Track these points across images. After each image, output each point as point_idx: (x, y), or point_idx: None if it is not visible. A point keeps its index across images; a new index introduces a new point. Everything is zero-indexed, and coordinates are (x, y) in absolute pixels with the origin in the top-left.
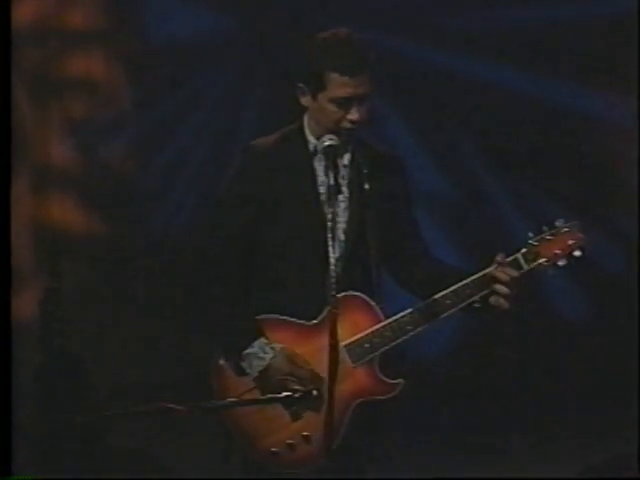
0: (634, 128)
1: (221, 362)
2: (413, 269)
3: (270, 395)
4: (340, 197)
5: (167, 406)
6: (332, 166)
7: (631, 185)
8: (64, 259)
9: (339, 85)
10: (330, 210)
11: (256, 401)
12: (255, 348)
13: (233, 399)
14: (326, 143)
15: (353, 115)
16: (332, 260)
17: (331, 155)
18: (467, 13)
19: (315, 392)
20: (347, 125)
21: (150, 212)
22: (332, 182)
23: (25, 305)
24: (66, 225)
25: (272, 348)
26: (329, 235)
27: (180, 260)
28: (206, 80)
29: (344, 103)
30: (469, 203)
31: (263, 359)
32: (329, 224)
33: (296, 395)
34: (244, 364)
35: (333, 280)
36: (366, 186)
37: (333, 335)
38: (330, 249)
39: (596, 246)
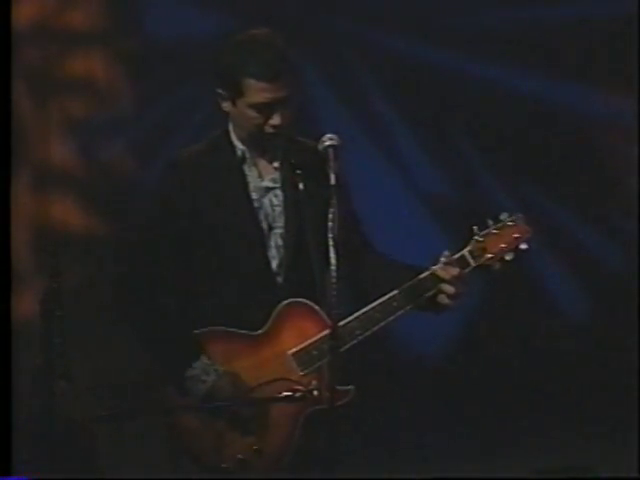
0: (634, 128)
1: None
2: (355, 265)
3: (269, 395)
4: (274, 201)
5: (167, 406)
6: (334, 167)
7: (631, 185)
8: (64, 259)
9: (257, 91)
10: (332, 210)
11: (256, 401)
12: (197, 370)
13: (233, 399)
14: (327, 143)
15: (275, 120)
16: (273, 267)
17: (332, 155)
18: (467, 13)
19: (316, 392)
20: (270, 130)
21: (151, 212)
22: (334, 182)
23: (25, 305)
24: (66, 225)
25: (215, 370)
26: (271, 241)
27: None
28: (206, 80)
29: (264, 108)
30: (469, 203)
31: (205, 382)
32: (266, 225)
33: (297, 395)
34: (188, 385)
35: (277, 287)
36: (300, 186)
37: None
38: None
39: (596, 246)
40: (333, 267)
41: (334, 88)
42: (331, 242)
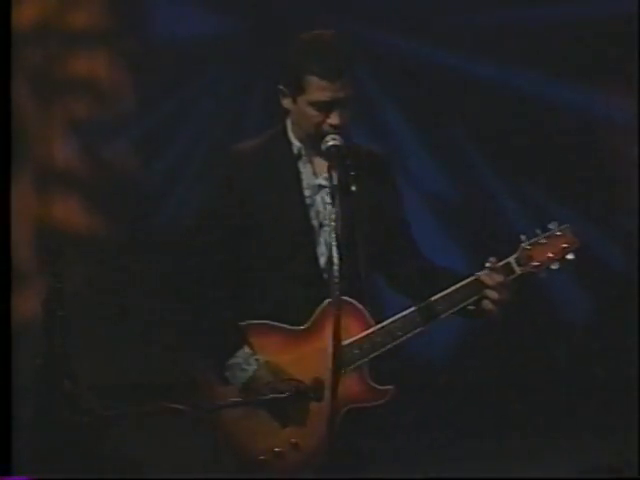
0: (634, 128)
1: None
2: (403, 270)
3: (272, 395)
4: (327, 199)
5: (167, 406)
6: (335, 166)
7: (631, 185)
8: (66, 259)
9: (318, 89)
10: (334, 210)
11: (256, 401)
12: (239, 359)
13: (235, 399)
14: (329, 143)
15: (333, 120)
16: (321, 264)
17: (334, 155)
18: (467, 13)
19: (317, 392)
20: (328, 129)
21: (152, 212)
22: (335, 182)
23: (26, 304)
24: (68, 225)
25: (256, 360)
26: (320, 239)
27: (178, 262)
28: (208, 81)
29: (324, 107)
30: (470, 202)
31: (246, 371)
32: (330, 225)
33: (298, 395)
34: (228, 374)
35: (323, 284)
36: (353, 188)
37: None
38: (324, 252)
39: (596, 246)
40: (336, 266)
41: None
42: (334, 241)
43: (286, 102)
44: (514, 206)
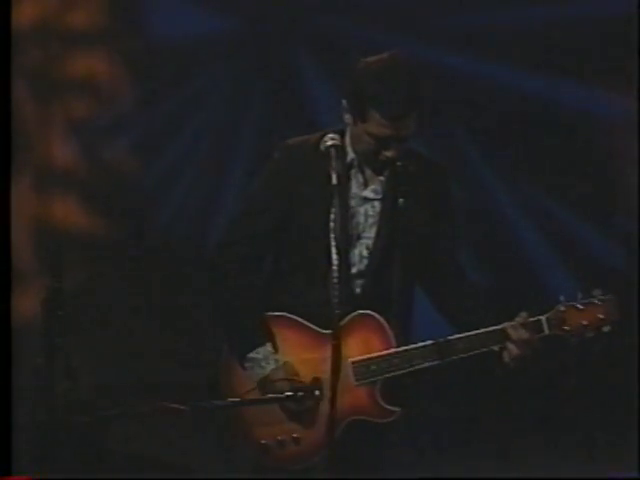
0: (634, 128)
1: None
2: (446, 292)
3: (271, 395)
4: (370, 211)
5: (167, 406)
6: (335, 166)
7: (631, 185)
8: (66, 259)
9: (378, 125)
10: (334, 210)
11: (256, 401)
12: (260, 355)
13: (233, 399)
14: (328, 143)
15: (389, 153)
16: (353, 274)
17: (334, 155)
18: (467, 13)
19: (317, 392)
20: (382, 159)
21: (152, 212)
22: (335, 182)
23: (26, 305)
24: (68, 225)
25: (275, 360)
26: (356, 250)
27: (185, 258)
28: (208, 80)
29: (382, 141)
30: (469, 202)
31: (264, 369)
32: (357, 232)
33: (299, 395)
34: (247, 365)
35: (353, 296)
36: (400, 201)
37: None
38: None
39: (596, 246)
40: (335, 268)
41: (335, 88)
42: (332, 242)
43: (347, 117)
44: (514, 205)
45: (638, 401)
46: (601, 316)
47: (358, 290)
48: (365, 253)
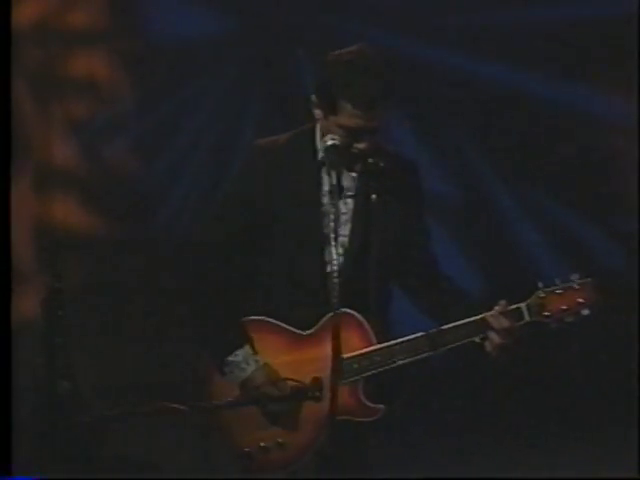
0: (634, 128)
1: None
2: (419, 285)
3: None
4: (343, 208)
5: (168, 406)
6: (334, 166)
7: (631, 184)
8: (66, 259)
9: (350, 116)
10: (333, 210)
11: (256, 401)
12: (239, 357)
13: (232, 399)
14: (329, 143)
15: (361, 145)
16: (329, 272)
17: (334, 155)
18: (468, 13)
19: (318, 393)
20: (354, 152)
21: (152, 212)
22: (334, 182)
23: (26, 305)
24: (68, 225)
25: (256, 361)
26: (331, 247)
27: (180, 259)
28: (208, 80)
29: (353, 133)
30: (469, 202)
31: (244, 370)
32: (330, 230)
33: (299, 396)
34: (226, 370)
35: (330, 293)
36: (373, 197)
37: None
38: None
39: (596, 246)
40: (334, 267)
41: None
42: (332, 242)
43: (317, 113)
44: (514, 205)
45: (638, 401)
46: (580, 300)
47: (335, 288)
48: (341, 251)
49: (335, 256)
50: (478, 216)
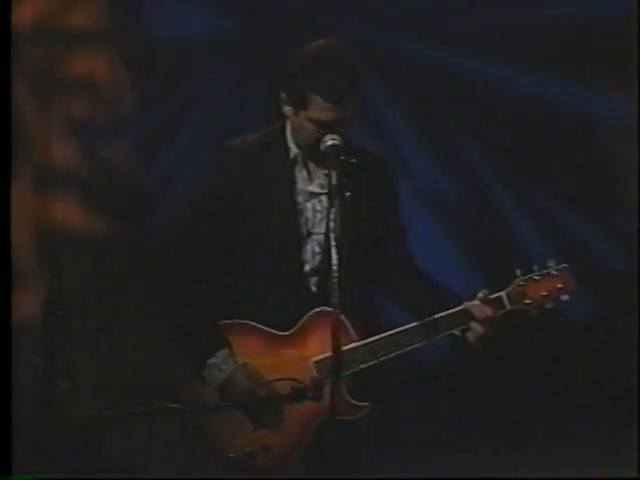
0: (634, 128)
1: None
2: (394, 279)
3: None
4: (317, 206)
5: (167, 406)
6: (334, 166)
7: (631, 184)
8: (66, 259)
9: (321, 109)
10: (333, 210)
11: (256, 401)
12: (218, 359)
13: (233, 400)
14: (328, 143)
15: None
16: (306, 272)
17: (333, 155)
18: (468, 13)
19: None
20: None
21: (152, 212)
22: (334, 182)
23: (26, 305)
24: (68, 225)
25: (235, 361)
26: (307, 246)
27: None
28: (208, 80)
29: (324, 126)
30: (470, 202)
31: (223, 371)
32: (306, 229)
33: (299, 396)
34: (205, 373)
35: (308, 293)
36: (346, 194)
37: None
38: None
39: (596, 246)
40: (335, 267)
41: None
42: (333, 242)
43: (287, 110)
44: (514, 205)
45: (638, 400)
46: (559, 285)
47: (314, 288)
48: (317, 249)
49: (311, 255)
50: (478, 216)
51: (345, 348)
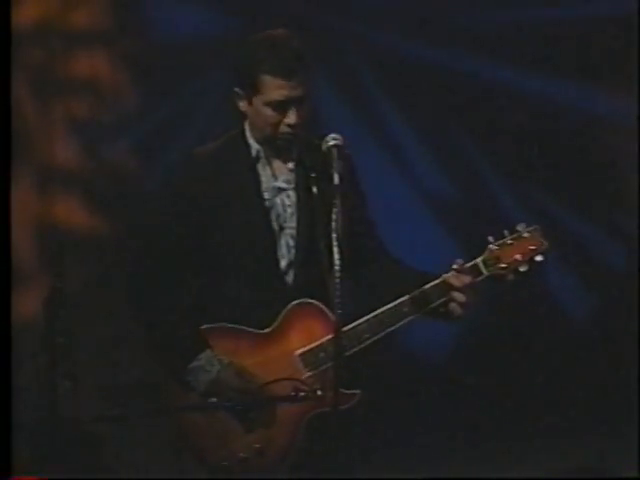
0: (634, 128)
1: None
2: (369, 270)
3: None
4: (286, 201)
5: (168, 406)
6: (336, 166)
7: (632, 184)
8: (67, 259)
9: (273, 88)
10: (335, 210)
11: (257, 402)
12: (202, 361)
13: (232, 399)
14: (330, 143)
15: (290, 119)
16: (282, 267)
17: (335, 155)
18: (468, 13)
19: (320, 392)
20: (285, 129)
21: (152, 212)
22: (337, 182)
23: (28, 304)
24: (69, 225)
25: (219, 360)
26: (281, 241)
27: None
28: (209, 80)
29: (280, 106)
30: (469, 201)
31: (210, 372)
32: (291, 228)
33: (300, 395)
34: (190, 378)
35: (286, 287)
36: (313, 188)
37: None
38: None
39: (596, 246)
40: (337, 267)
41: (336, 89)
42: (335, 242)
43: (242, 105)
44: (515, 205)
45: (638, 400)
46: (532, 247)
47: (291, 282)
48: (292, 243)
49: (287, 249)
50: (478, 216)
51: (329, 336)
